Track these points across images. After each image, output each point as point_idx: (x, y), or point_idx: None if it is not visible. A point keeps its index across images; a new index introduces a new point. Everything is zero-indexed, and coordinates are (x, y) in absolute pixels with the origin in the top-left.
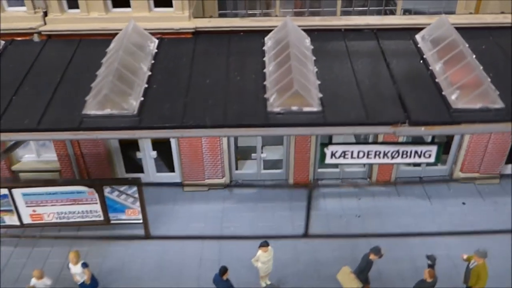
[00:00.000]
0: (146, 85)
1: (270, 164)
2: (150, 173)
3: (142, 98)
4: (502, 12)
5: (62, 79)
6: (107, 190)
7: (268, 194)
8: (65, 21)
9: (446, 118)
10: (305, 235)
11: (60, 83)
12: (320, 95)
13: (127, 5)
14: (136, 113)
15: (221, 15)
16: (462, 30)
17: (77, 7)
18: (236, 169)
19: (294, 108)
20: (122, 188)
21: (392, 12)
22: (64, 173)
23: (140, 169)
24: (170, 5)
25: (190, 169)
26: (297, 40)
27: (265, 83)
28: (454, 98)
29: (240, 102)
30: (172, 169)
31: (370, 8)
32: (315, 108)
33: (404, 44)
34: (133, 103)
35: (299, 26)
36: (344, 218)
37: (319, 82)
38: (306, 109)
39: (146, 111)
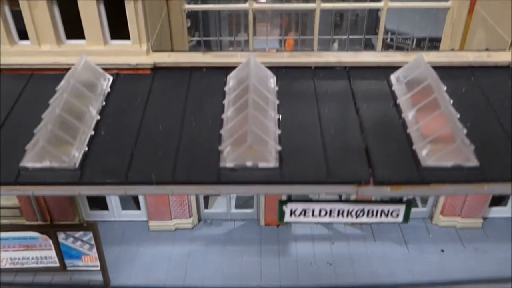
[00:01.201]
0: (93, 132)
1: (241, 202)
2: (115, 210)
3: (86, 148)
4: (487, 49)
5: (6, 120)
6: (61, 236)
7: (237, 235)
8: (15, 54)
9: (414, 177)
10: None
11: (3, 126)
12: (279, 148)
13: (82, 35)
14: (78, 166)
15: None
16: (443, 69)
17: (28, 37)
18: (206, 207)
19: (249, 163)
20: (77, 235)
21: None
22: (24, 210)
23: (105, 206)
24: (128, 37)
25: (155, 207)
26: (259, 82)
27: (221, 131)
28: (424, 154)
29: (192, 154)
30: (138, 207)
31: (350, 36)
32: (272, 164)
33: (378, 85)
34: (75, 154)
35: (266, 63)
36: (315, 266)
37: (279, 132)
38: (261, 164)
39: (88, 164)
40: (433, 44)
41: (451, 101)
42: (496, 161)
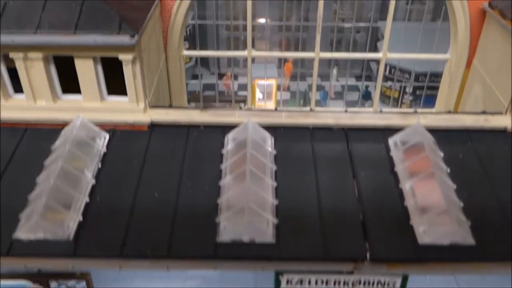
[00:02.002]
0: (88, 199)
1: None
2: None
3: (81, 218)
4: (484, 112)
5: (0, 181)
6: (53, 284)
7: (231, 277)
8: (10, 109)
9: (411, 255)
10: None
11: None
12: (276, 221)
13: (78, 90)
14: (72, 238)
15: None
16: (440, 132)
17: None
18: None
19: (245, 239)
20: (70, 283)
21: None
22: None
23: None
24: (124, 92)
25: None
26: (257, 147)
27: (218, 201)
28: (421, 231)
29: (188, 225)
30: None
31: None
32: (269, 239)
33: (375, 150)
34: (70, 225)
35: (264, 123)
36: None
37: (276, 203)
38: (258, 240)
39: (83, 236)
40: (432, 79)
41: (448, 170)
42: (493, 239)
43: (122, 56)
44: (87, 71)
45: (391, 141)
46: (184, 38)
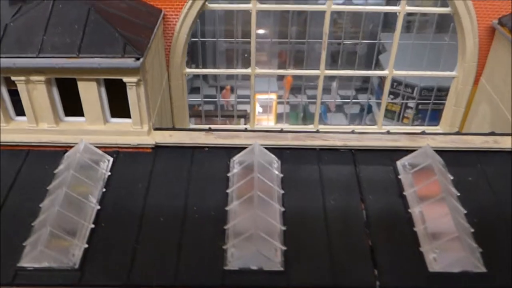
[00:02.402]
0: (93, 225)
1: None
2: None
3: (86, 245)
4: (493, 133)
5: (3, 207)
6: None
7: None
8: (11, 132)
9: (421, 283)
10: None
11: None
12: (284, 248)
13: (81, 112)
14: (78, 266)
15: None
16: (449, 153)
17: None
18: None
19: (253, 267)
20: None
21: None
22: None
23: None
24: (128, 115)
25: None
26: (264, 171)
27: (225, 227)
28: (431, 258)
29: (195, 252)
30: None
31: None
32: (277, 267)
33: (384, 172)
34: (75, 253)
35: (270, 145)
36: None
37: (284, 228)
38: (267, 268)
39: (89, 263)
40: (439, 94)
41: (458, 194)
42: (504, 266)
43: (126, 79)
44: (91, 93)
45: (399, 163)
46: None
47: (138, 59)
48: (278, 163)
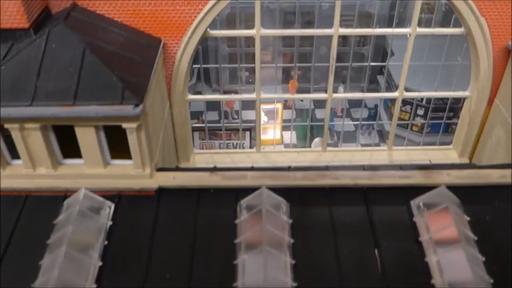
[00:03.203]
0: (95, 286)
1: None
2: None
3: None
4: (510, 165)
5: (2, 263)
6: None
7: None
8: (8, 177)
9: None
10: None
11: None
12: None
13: (81, 155)
14: None
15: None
16: (464, 189)
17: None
18: None
19: None
20: None
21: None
22: None
23: None
24: (129, 156)
25: None
26: (272, 218)
27: (234, 285)
28: None
29: None
30: None
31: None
32: None
33: (397, 214)
34: None
35: (278, 185)
36: None
37: (295, 285)
38: None
39: None
40: (453, 106)
41: (476, 238)
42: None
43: (126, 125)
44: (89, 138)
45: (413, 204)
46: None
47: (137, 105)
48: (287, 206)
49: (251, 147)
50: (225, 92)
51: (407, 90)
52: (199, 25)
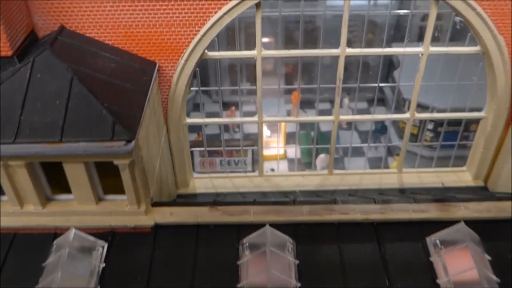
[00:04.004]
0: None
1: None
2: None
3: None
4: None
5: None
6: None
7: None
8: None
9: None
10: None
11: None
12: None
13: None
14: None
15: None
16: (483, 223)
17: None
18: None
19: None
20: None
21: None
22: None
23: None
24: (123, 191)
25: None
26: (277, 260)
27: None
28: None
29: None
30: None
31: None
32: None
33: (412, 252)
34: None
35: (283, 221)
36: None
37: None
38: None
39: None
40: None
41: (498, 280)
42: None
43: (117, 162)
44: (78, 175)
45: (429, 241)
46: None
47: (129, 141)
48: (293, 244)
49: (253, 163)
50: (226, 104)
51: (418, 105)
52: (197, 47)
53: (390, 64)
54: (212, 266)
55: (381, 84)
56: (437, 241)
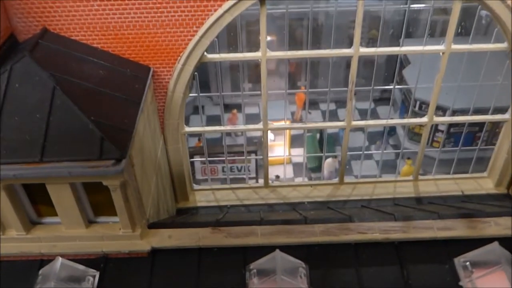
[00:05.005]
0: None
1: None
2: None
3: None
4: None
5: None
6: None
7: None
8: None
9: None
10: None
11: None
12: None
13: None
14: None
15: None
16: None
17: None
18: None
19: None
20: None
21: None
22: None
23: None
24: (115, 212)
25: None
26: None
27: None
28: None
29: None
30: None
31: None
32: None
33: (439, 275)
34: None
35: (294, 243)
36: None
37: None
38: None
39: None
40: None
41: None
42: None
43: (107, 183)
44: (64, 197)
45: (458, 262)
46: None
47: (119, 160)
48: (305, 269)
49: (257, 170)
50: (227, 106)
51: (422, 101)
52: (195, 50)
53: (400, 62)
54: None
55: (397, 86)
56: (467, 264)
